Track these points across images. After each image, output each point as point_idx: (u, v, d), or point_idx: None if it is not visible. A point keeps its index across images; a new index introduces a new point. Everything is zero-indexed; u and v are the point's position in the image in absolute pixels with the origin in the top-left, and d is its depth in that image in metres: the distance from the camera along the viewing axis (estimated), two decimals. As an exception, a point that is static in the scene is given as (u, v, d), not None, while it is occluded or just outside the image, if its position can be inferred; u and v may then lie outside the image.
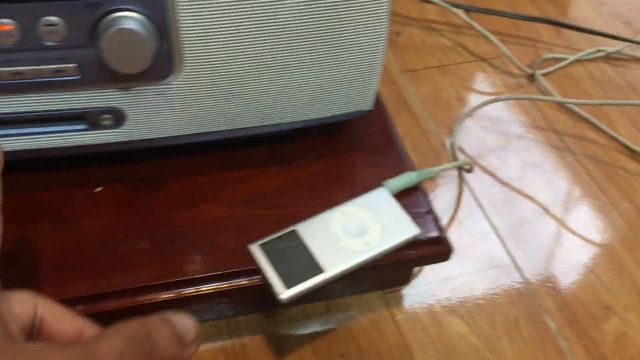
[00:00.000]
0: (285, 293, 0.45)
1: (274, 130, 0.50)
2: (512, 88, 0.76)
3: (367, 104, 0.51)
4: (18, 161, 0.48)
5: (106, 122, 0.45)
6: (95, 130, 0.46)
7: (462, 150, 0.68)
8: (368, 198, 0.51)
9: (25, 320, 0.32)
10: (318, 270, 0.46)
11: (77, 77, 0.42)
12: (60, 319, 0.33)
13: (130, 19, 0.39)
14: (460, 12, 0.81)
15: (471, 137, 0.70)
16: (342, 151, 0.55)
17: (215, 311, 0.53)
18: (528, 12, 0.86)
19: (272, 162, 0.54)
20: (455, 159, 0.67)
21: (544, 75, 0.77)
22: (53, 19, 0.39)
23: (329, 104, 0.49)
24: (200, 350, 0.53)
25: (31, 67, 0.41)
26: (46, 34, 0.39)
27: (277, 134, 0.52)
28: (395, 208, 0.50)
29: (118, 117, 0.45)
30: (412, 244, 0.49)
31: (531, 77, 0.77)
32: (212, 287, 0.47)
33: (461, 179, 0.65)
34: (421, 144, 0.69)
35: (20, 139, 0.45)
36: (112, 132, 0.46)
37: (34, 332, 0.32)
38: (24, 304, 0.32)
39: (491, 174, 0.66)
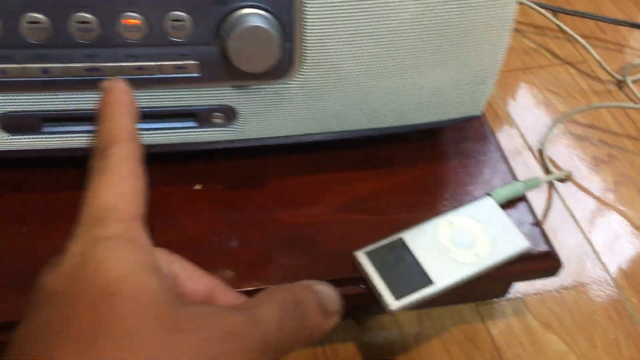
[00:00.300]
0: (395, 304, 0.43)
1: (382, 133, 0.48)
2: (601, 94, 0.74)
3: (477, 110, 0.49)
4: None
5: (217, 120, 0.44)
6: (205, 128, 0.45)
7: (550, 159, 0.66)
8: (474, 208, 0.49)
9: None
10: (428, 281, 0.45)
11: (196, 75, 0.41)
12: (193, 278, 0.32)
13: (258, 17, 0.38)
14: (548, 14, 0.78)
15: (560, 145, 0.68)
16: (443, 156, 0.54)
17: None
18: (612, 15, 0.83)
19: (372, 165, 0.52)
20: (545, 167, 0.65)
21: (635, 82, 0.74)
22: (181, 14, 0.38)
23: (441, 108, 0.47)
24: (290, 356, 0.51)
25: (153, 63, 0.39)
26: (172, 30, 0.38)
27: (380, 136, 0.50)
28: (503, 219, 0.48)
29: (229, 116, 0.44)
30: (520, 257, 0.48)
31: (620, 84, 0.74)
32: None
33: (553, 189, 0.63)
34: (507, 151, 0.67)
35: (130, 135, 0.44)
36: (221, 131, 0.45)
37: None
38: (162, 261, 0.31)
39: (582, 185, 0.64)
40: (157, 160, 0.50)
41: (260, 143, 0.47)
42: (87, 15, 0.37)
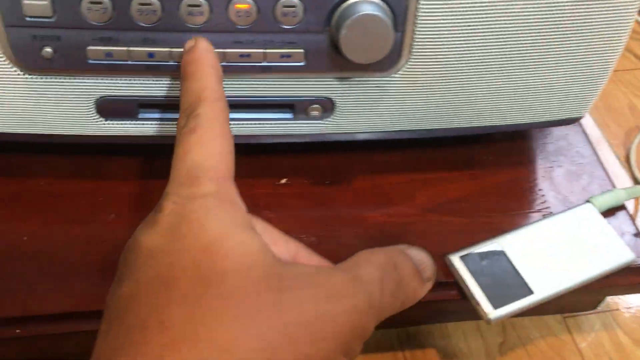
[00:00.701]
0: (493, 313, 0.41)
1: (479, 132, 0.46)
2: (690, 101, 0.70)
3: (582, 112, 0.46)
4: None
5: (314, 113, 0.43)
6: (300, 120, 0.43)
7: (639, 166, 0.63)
8: (574, 215, 0.47)
9: None
10: (527, 291, 0.43)
11: (300, 64, 0.39)
12: (276, 242, 0.31)
13: (373, 5, 0.36)
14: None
15: (648, 152, 0.65)
16: (537, 158, 0.51)
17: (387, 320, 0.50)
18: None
19: (463, 166, 0.50)
20: (632, 175, 0.62)
21: None
22: (293, 0, 0.36)
23: (546, 109, 0.45)
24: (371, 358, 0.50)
25: (259, 50, 0.38)
26: (282, 16, 0.37)
27: (474, 135, 0.48)
28: (605, 228, 0.46)
29: (326, 108, 0.42)
30: (621, 270, 0.45)
31: None
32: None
33: (642, 198, 0.60)
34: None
35: (225, 124, 0.43)
36: (316, 123, 0.43)
37: None
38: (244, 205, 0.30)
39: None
40: (244, 152, 0.49)
41: (352, 138, 0.45)
42: (199, -1, 0.35)
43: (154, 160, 0.48)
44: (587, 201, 0.47)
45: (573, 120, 0.47)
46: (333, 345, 0.25)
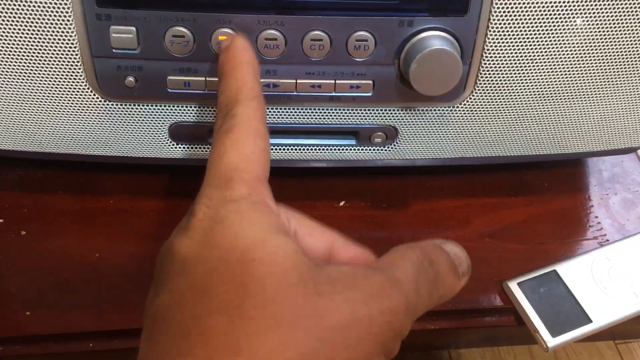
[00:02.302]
0: (552, 341, 0.42)
1: (537, 160, 0.47)
2: None
3: (639, 142, 0.47)
4: (279, 169, 0.47)
5: (377, 140, 0.44)
6: (364, 146, 0.44)
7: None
8: (630, 244, 0.47)
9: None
10: (585, 319, 0.43)
11: (368, 94, 0.40)
12: (313, 233, 0.31)
13: (443, 39, 0.37)
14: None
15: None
16: (593, 185, 0.52)
17: (440, 340, 0.51)
18: None
19: (518, 192, 0.51)
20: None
21: None
22: (365, 34, 0.37)
23: (603, 138, 0.46)
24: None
25: (330, 81, 0.39)
26: (354, 49, 0.38)
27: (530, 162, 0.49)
28: (663, 258, 0.46)
29: (390, 136, 0.44)
30: (679, 300, 0.45)
31: None
32: (457, 322, 0.45)
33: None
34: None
35: (290, 149, 0.44)
36: (379, 149, 0.45)
37: None
38: (284, 219, 0.30)
39: None
40: (306, 174, 0.50)
41: (413, 163, 0.46)
42: (275, 33, 0.37)
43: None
44: (645, 230, 0.48)
45: (630, 150, 0.47)
46: (371, 347, 0.25)
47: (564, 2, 0.38)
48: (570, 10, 0.38)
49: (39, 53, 0.37)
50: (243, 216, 0.26)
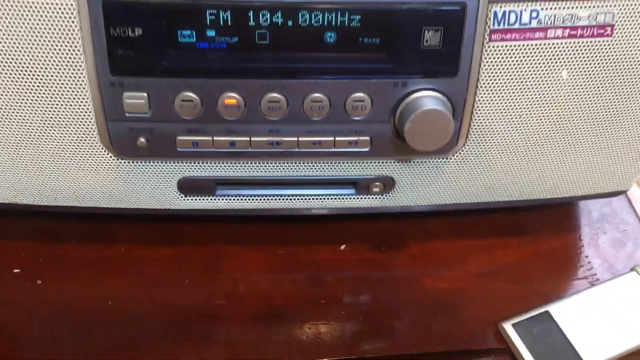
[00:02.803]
0: (545, 381, 0.44)
1: (529, 204, 0.49)
2: None
3: (627, 185, 0.49)
4: (283, 216, 0.50)
5: (375, 189, 0.46)
6: (362, 195, 0.47)
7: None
8: (619, 284, 0.49)
9: None
10: (577, 359, 0.45)
11: (366, 150, 0.43)
12: None
13: (435, 99, 0.40)
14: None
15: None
16: (583, 226, 0.54)
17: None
18: None
19: (512, 233, 0.53)
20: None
21: None
22: (362, 95, 0.40)
23: (593, 183, 0.48)
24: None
25: (329, 138, 0.42)
26: (352, 109, 0.40)
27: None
28: (651, 297, 0.48)
29: (387, 185, 0.46)
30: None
31: None
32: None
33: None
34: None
35: (294, 199, 0.47)
36: (377, 198, 0.47)
37: None
38: None
39: None
40: (308, 220, 0.52)
41: (410, 210, 0.49)
42: (278, 96, 0.39)
43: (225, 228, 0.52)
44: (632, 269, 0.50)
45: (618, 193, 0.50)
46: None
47: (549, 57, 0.40)
48: (556, 64, 0.41)
49: (56, 117, 0.40)
50: None
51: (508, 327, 0.46)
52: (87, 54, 0.37)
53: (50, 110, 0.40)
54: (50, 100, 0.39)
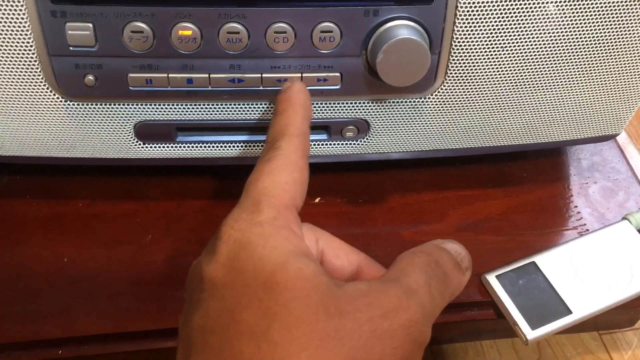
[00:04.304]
0: (531, 334, 0.41)
1: (512, 150, 0.46)
2: None
3: (618, 129, 0.46)
4: (250, 167, 0.47)
5: (349, 134, 0.43)
6: (335, 141, 0.43)
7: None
8: (610, 233, 0.46)
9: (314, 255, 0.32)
10: (565, 311, 0.42)
11: (336, 87, 0.39)
12: (340, 255, 0.33)
13: (410, 29, 0.36)
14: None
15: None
16: (571, 175, 0.51)
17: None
18: None
19: (496, 184, 0.50)
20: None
21: None
22: (330, 25, 0.36)
23: (580, 126, 0.45)
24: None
25: (296, 75, 0.38)
26: (319, 41, 0.37)
27: (506, 152, 0.48)
28: (643, 247, 0.46)
29: (362, 129, 0.43)
30: (660, 288, 0.44)
31: None
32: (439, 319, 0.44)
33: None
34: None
35: (259, 146, 0.43)
36: (351, 144, 0.44)
37: None
38: (309, 240, 0.32)
39: None
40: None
41: (386, 157, 0.45)
42: (238, 26, 0.36)
43: (189, 182, 0.49)
44: (624, 218, 0.47)
45: (608, 138, 0.47)
46: None
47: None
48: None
49: (-6, 54, 0.36)
50: (267, 240, 0.28)
51: (492, 278, 0.44)
52: (22, -22, 0.34)
53: (-13, 46, 0.36)
54: (-15, 34, 0.35)
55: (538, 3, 0.38)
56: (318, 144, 0.44)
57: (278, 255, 0.27)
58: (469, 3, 0.37)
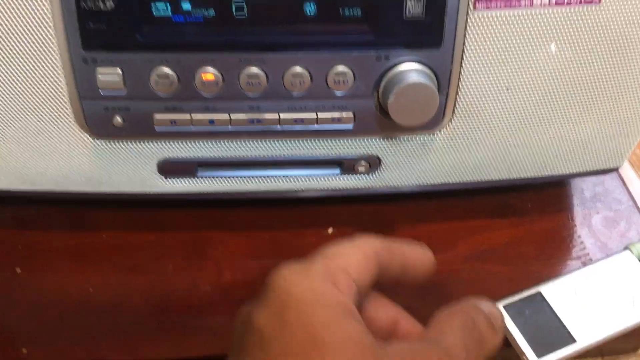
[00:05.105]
0: (537, 362, 0.43)
1: (518, 183, 0.48)
2: None
3: (619, 162, 0.48)
4: (267, 200, 0.49)
5: (361, 168, 0.45)
6: (348, 175, 0.46)
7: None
8: (613, 263, 0.48)
9: None
10: (569, 339, 0.44)
11: (349, 126, 0.41)
12: (379, 307, 0.34)
13: (419, 73, 0.39)
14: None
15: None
16: (575, 206, 0.53)
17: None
18: None
19: (503, 214, 0.52)
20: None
21: None
22: (344, 69, 0.39)
23: (583, 160, 0.47)
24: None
25: (311, 115, 0.40)
26: (334, 83, 0.39)
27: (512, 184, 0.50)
28: (645, 276, 0.47)
29: (373, 164, 0.45)
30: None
31: None
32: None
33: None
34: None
35: (278, 180, 0.45)
36: (363, 178, 0.46)
37: None
38: (352, 293, 0.31)
39: None
40: (293, 204, 0.51)
41: (397, 190, 0.47)
42: (257, 70, 0.38)
43: (208, 213, 0.51)
44: (626, 248, 0.49)
45: (610, 171, 0.49)
46: None
47: (537, 27, 0.39)
48: (544, 34, 0.40)
49: (28, 96, 0.39)
50: (316, 296, 0.29)
51: (499, 309, 0.45)
52: (57, 29, 0.36)
53: (21, 90, 0.38)
54: (20, 80, 0.38)
55: (540, 43, 0.40)
56: (331, 178, 0.46)
57: (326, 313, 0.28)
58: (475, 46, 0.39)
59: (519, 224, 0.51)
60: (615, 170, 0.49)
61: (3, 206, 0.50)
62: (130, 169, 0.43)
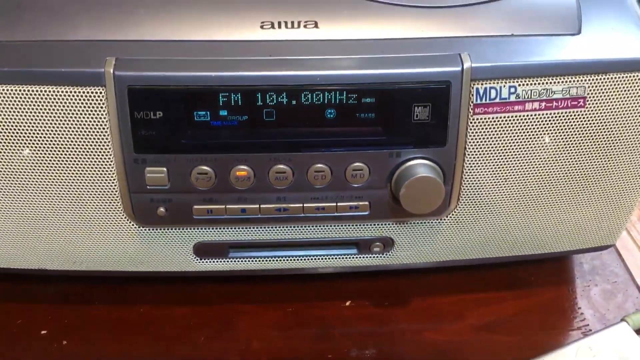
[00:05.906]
0: None
1: (519, 260, 0.53)
2: None
3: (613, 239, 0.52)
4: (290, 275, 0.54)
5: (376, 249, 0.50)
6: (364, 254, 0.50)
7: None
8: (610, 334, 0.51)
9: None
10: (572, 407, 0.47)
11: (365, 213, 0.47)
12: None
13: (427, 167, 0.44)
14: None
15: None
16: (575, 278, 0.57)
17: None
18: None
19: (507, 286, 0.56)
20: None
21: None
22: (361, 165, 0.44)
23: (579, 238, 0.51)
24: None
25: (332, 204, 0.46)
26: (351, 177, 0.45)
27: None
28: (639, 347, 0.51)
29: (387, 245, 0.50)
30: (658, 385, 0.49)
31: None
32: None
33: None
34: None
35: (300, 259, 0.50)
36: (378, 257, 0.51)
37: None
38: None
39: None
40: (314, 278, 0.56)
41: (409, 267, 0.52)
42: (284, 167, 0.44)
43: (238, 288, 0.55)
44: (622, 320, 0.52)
45: (604, 248, 0.53)
46: None
47: (529, 126, 0.44)
48: (536, 132, 0.45)
49: (84, 192, 0.44)
50: None
51: (506, 378, 0.49)
52: (113, 135, 0.42)
53: (79, 186, 0.44)
54: (79, 177, 0.44)
55: (533, 138, 0.45)
56: (349, 257, 0.51)
57: None
58: (475, 145, 0.44)
59: (524, 295, 0.55)
60: (609, 247, 0.53)
61: (52, 283, 0.55)
62: (169, 251, 0.48)
